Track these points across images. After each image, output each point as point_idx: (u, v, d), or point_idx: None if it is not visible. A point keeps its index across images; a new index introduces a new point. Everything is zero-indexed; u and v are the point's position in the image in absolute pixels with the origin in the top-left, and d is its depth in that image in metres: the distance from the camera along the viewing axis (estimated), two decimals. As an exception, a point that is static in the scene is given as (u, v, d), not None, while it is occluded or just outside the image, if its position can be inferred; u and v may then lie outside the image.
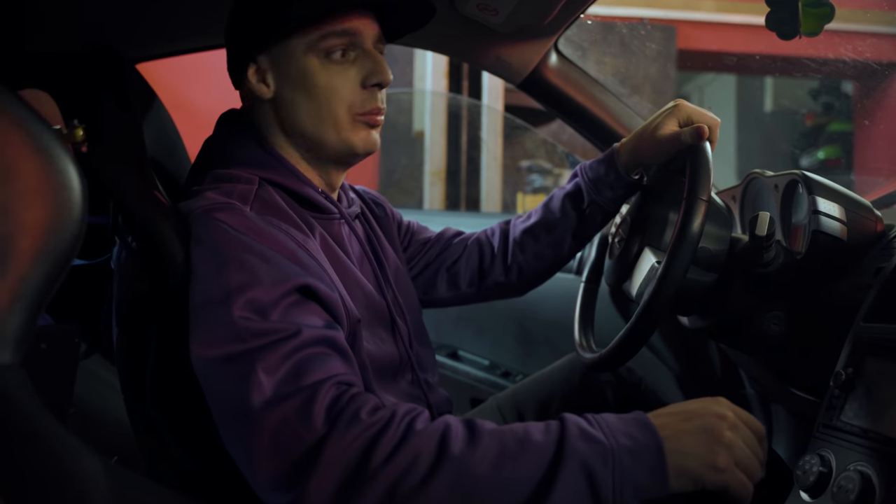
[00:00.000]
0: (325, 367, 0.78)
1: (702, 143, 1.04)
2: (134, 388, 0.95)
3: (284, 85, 0.99)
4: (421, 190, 4.34)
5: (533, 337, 2.10)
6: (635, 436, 0.75)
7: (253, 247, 0.84)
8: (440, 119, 4.23)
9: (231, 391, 0.76)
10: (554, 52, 1.52)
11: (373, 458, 0.71)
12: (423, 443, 0.73)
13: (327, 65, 0.97)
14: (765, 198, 1.25)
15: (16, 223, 0.57)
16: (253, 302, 0.79)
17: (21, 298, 0.57)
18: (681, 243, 0.95)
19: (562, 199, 1.25)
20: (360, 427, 0.73)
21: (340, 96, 0.98)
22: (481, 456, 0.72)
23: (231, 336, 0.77)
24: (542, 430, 0.75)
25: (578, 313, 1.31)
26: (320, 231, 1.00)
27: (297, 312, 0.81)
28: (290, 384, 0.75)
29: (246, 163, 0.99)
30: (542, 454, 0.73)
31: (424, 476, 0.70)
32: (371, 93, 0.99)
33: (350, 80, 0.98)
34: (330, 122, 0.99)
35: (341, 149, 1.01)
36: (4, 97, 0.59)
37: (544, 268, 1.31)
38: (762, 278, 1.07)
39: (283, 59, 0.98)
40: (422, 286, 1.32)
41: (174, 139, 1.28)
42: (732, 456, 0.75)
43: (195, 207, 0.89)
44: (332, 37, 0.96)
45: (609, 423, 0.76)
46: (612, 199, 1.21)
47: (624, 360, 1.05)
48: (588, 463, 0.72)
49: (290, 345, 0.77)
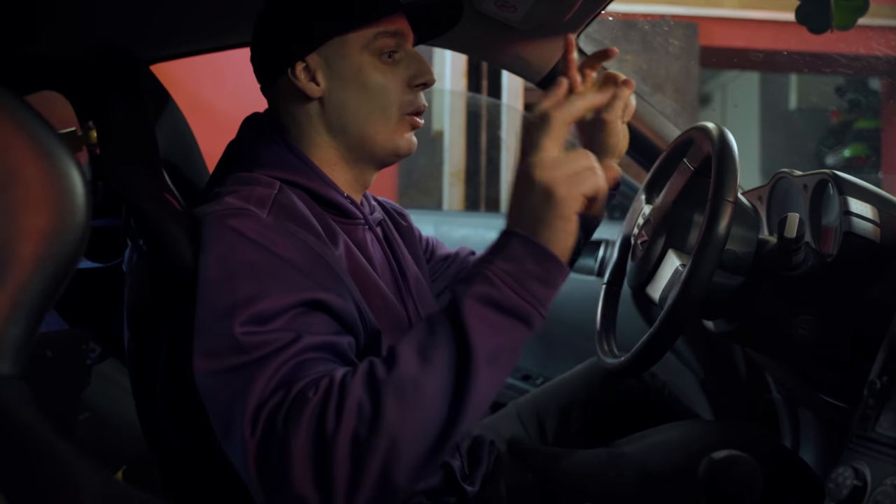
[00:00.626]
0: (315, 368, 0.76)
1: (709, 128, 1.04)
2: (145, 392, 0.94)
3: (337, 83, 0.98)
4: (440, 190, 4.32)
5: (554, 339, 2.08)
6: (503, 247, 0.76)
7: (264, 257, 0.82)
8: (459, 119, 4.20)
9: (228, 404, 0.74)
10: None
11: (326, 427, 0.70)
12: (357, 389, 0.72)
13: (379, 63, 0.99)
14: (793, 198, 1.22)
15: (17, 229, 0.55)
16: (257, 315, 0.77)
17: (21, 307, 0.55)
18: (706, 246, 0.92)
19: None
20: (308, 407, 0.71)
21: (392, 95, 0.99)
22: (405, 363, 0.72)
23: (233, 349, 0.75)
24: (439, 308, 0.77)
25: (600, 316, 1.28)
26: (343, 236, 0.97)
27: (301, 321, 0.79)
28: (279, 390, 0.73)
29: (269, 165, 0.97)
30: (446, 318, 0.74)
31: (373, 413, 0.70)
32: (416, 93, 1.02)
33: (398, 79, 1.00)
34: (381, 120, 0.99)
35: (387, 148, 1.02)
36: (6, 99, 0.57)
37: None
38: (791, 282, 1.04)
39: (336, 57, 0.98)
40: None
41: (189, 141, 1.27)
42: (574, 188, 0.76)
43: (210, 212, 0.87)
44: (386, 37, 0.98)
45: (481, 260, 0.77)
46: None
47: (647, 366, 1.02)
48: (481, 294, 0.73)
49: (290, 351, 0.75)
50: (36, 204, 0.57)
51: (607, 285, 1.32)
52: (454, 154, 4.22)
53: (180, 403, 0.91)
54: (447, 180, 4.22)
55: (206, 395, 0.78)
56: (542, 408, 1.33)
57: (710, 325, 1.23)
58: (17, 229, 0.55)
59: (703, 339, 1.67)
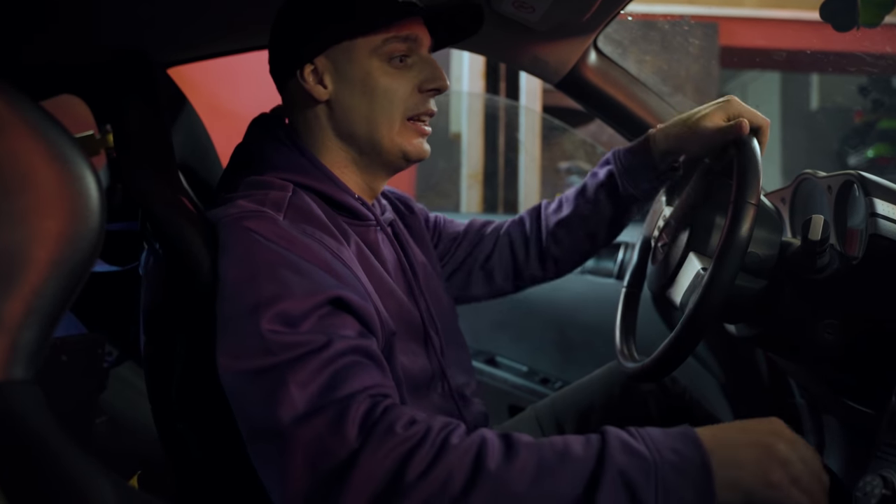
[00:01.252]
0: (358, 378, 0.75)
1: (749, 137, 1.00)
2: (161, 396, 0.94)
3: (343, 86, 0.98)
4: (458, 193, 4.31)
5: (573, 343, 2.06)
6: (680, 450, 0.70)
7: (284, 257, 0.81)
8: (477, 121, 4.19)
9: (261, 406, 0.74)
10: (593, 51, 1.48)
11: (407, 474, 0.68)
12: (459, 458, 0.69)
13: (387, 68, 0.98)
14: (817, 200, 1.20)
15: (31, 232, 0.55)
16: (283, 314, 0.76)
17: (35, 311, 0.54)
18: (728, 249, 0.90)
19: (595, 189, 1.22)
20: (395, 441, 0.70)
21: (398, 99, 0.98)
22: (519, 471, 0.69)
23: (260, 349, 0.75)
24: (583, 442, 0.72)
25: (619, 320, 1.26)
26: (355, 239, 0.97)
27: (329, 323, 0.78)
28: (322, 397, 0.72)
29: (280, 168, 0.97)
30: (582, 468, 0.69)
31: (460, 493, 0.67)
32: (426, 98, 1.01)
33: (408, 83, 0.99)
34: (385, 125, 0.99)
35: (393, 153, 1.01)
36: (21, 103, 0.57)
37: (579, 258, 1.31)
38: (815, 285, 1.02)
39: (344, 61, 0.97)
40: (457, 285, 1.30)
41: (205, 144, 1.27)
42: (788, 473, 0.70)
43: (225, 215, 0.87)
44: (395, 41, 0.97)
45: (653, 437, 0.72)
46: (647, 190, 1.19)
47: (668, 372, 1.01)
48: (629, 477, 0.68)
49: (321, 356, 0.74)
50: (50, 208, 0.56)
51: (627, 288, 1.30)
52: (472, 156, 4.20)
53: (196, 407, 0.91)
54: (465, 182, 4.21)
55: (232, 395, 0.78)
56: (561, 413, 1.32)
57: (733, 330, 1.21)
58: (30, 233, 0.55)
59: (724, 342, 1.65)
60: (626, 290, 1.30)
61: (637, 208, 1.21)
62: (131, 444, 1.26)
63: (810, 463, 0.73)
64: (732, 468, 0.70)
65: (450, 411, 1.05)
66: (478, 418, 1.11)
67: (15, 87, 0.57)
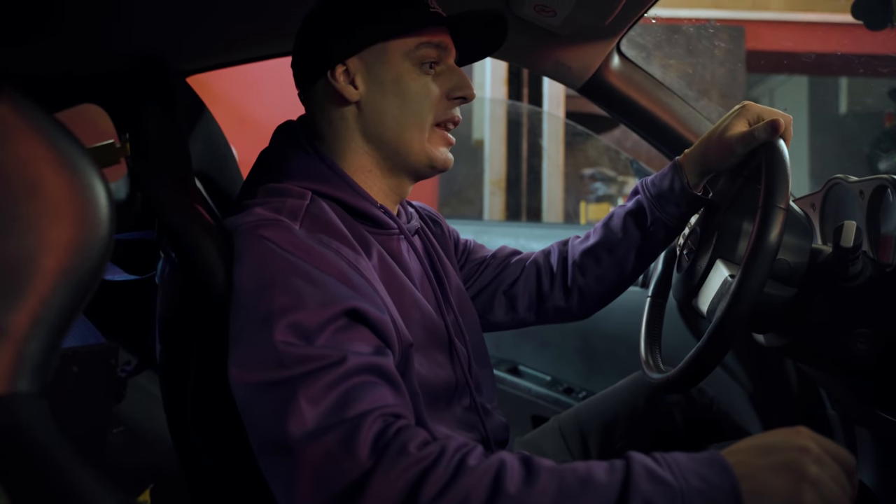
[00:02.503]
0: (371, 397, 0.73)
1: (776, 138, 0.97)
2: (176, 406, 0.92)
3: (375, 88, 0.98)
4: (481, 200, 4.29)
5: (597, 352, 2.03)
6: (708, 477, 0.67)
7: (299, 266, 0.80)
8: (500, 127, 4.16)
9: (271, 419, 0.72)
10: (616, 55, 1.45)
11: (421, 496, 0.65)
12: (476, 481, 0.67)
13: (419, 73, 0.99)
14: (849, 205, 1.16)
15: (39, 241, 0.54)
16: (297, 326, 0.75)
17: (42, 322, 0.53)
18: (757, 255, 0.87)
19: (623, 217, 1.18)
20: (409, 461, 0.68)
21: (429, 104, 0.99)
22: (539, 496, 0.66)
23: (273, 361, 0.73)
24: (606, 469, 0.69)
25: (644, 330, 1.23)
26: (377, 248, 0.96)
27: (344, 338, 0.76)
28: (334, 415, 0.70)
29: (300, 175, 0.96)
30: (606, 496, 0.66)
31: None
32: (452, 105, 1.02)
33: (437, 90, 1.00)
34: (415, 129, 0.99)
35: (421, 158, 1.01)
36: (29, 111, 0.56)
37: (606, 291, 1.24)
38: (847, 293, 0.98)
39: (376, 63, 0.98)
40: (478, 309, 1.26)
41: (225, 153, 1.27)
42: (820, 496, 0.67)
43: (241, 223, 0.86)
44: (428, 47, 0.98)
45: (679, 463, 0.69)
46: (678, 216, 1.13)
47: (694, 383, 0.98)
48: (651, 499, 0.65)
49: (335, 373, 0.72)
50: (58, 216, 0.55)
51: (652, 297, 1.28)
52: (494, 163, 4.18)
53: (211, 418, 0.89)
54: (487, 189, 4.19)
55: (243, 406, 0.76)
56: (585, 423, 1.29)
57: (761, 339, 1.18)
58: (38, 241, 0.54)
59: (753, 352, 1.61)
60: (650, 299, 1.28)
61: (666, 235, 1.16)
62: (148, 454, 1.26)
63: (839, 479, 0.69)
64: (760, 499, 0.66)
65: (472, 424, 1.03)
66: (499, 430, 1.09)
67: (23, 93, 0.56)
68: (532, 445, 1.27)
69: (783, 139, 0.99)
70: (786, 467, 0.68)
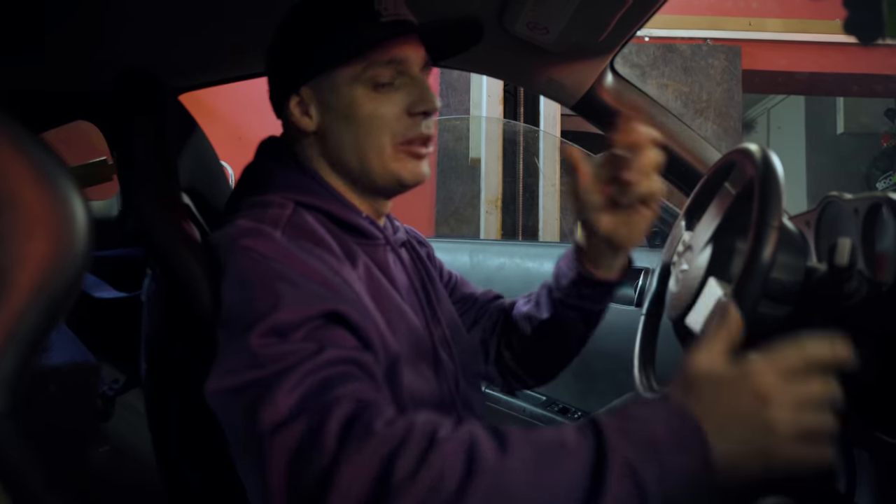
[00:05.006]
0: (346, 385, 0.71)
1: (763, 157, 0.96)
2: (160, 425, 0.91)
3: (329, 117, 0.96)
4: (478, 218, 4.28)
5: (593, 371, 2.01)
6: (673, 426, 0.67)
7: (280, 272, 0.79)
8: (496, 146, 4.17)
9: (245, 419, 0.70)
10: (609, 72, 1.46)
11: (394, 476, 0.62)
12: (450, 455, 0.64)
13: (372, 94, 0.94)
14: (843, 223, 1.15)
15: (12, 256, 0.53)
16: (275, 328, 0.73)
17: (15, 339, 0.52)
18: (750, 274, 0.87)
19: (551, 304, 1.16)
20: (376, 441, 0.65)
21: (384, 124, 0.94)
22: (517, 466, 0.64)
23: (248, 363, 0.72)
24: (576, 431, 0.67)
25: (638, 349, 1.22)
26: (364, 258, 0.95)
27: (323, 334, 0.75)
28: (305, 402, 0.68)
29: (284, 188, 0.95)
30: (583, 458, 0.65)
31: (455, 493, 0.62)
32: (415, 121, 0.95)
33: (395, 106, 0.95)
34: (374, 152, 0.95)
35: (387, 179, 0.97)
36: (6, 125, 0.55)
37: (558, 367, 1.27)
38: (843, 312, 0.97)
39: (326, 91, 0.95)
40: None
41: (215, 169, 1.26)
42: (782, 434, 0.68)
43: (223, 236, 0.85)
44: (378, 66, 0.93)
45: (643, 416, 0.68)
46: (598, 302, 1.15)
47: (688, 402, 0.96)
48: (631, 462, 0.64)
49: (311, 363, 0.71)
50: (34, 230, 0.54)
51: (646, 316, 1.26)
52: (491, 181, 4.18)
53: (195, 438, 0.88)
54: (484, 208, 4.18)
55: (221, 411, 0.75)
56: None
57: (756, 358, 1.16)
58: (12, 256, 0.53)
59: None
60: (645, 318, 1.26)
61: (598, 317, 1.17)
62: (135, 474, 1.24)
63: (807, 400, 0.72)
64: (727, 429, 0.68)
65: None
66: None
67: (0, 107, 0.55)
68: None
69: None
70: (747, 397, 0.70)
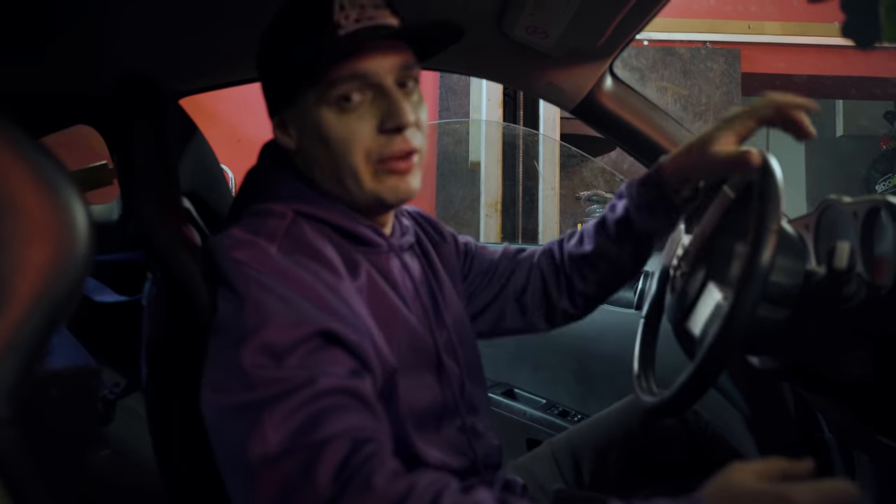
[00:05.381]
0: (341, 419, 0.71)
1: (758, 167, 0.95)
2: (161, 429, 0.91)
3: (304, 138, 0.93)
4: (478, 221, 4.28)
5: (592, 374, 2.01)
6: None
7: (271, 287, 0.78)
8: (495, 149, 4.17)
9: (235, 442, 0.70)
10: (609, 76, 1.46)
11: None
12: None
13: (341, 113, 0.89)
14: (842, 226, 1.15)
15: (13, 262, 0.53)
16: (267, 346, 0.73)
17: (15, 345, 0.52)
18: (749, 277, 0.86)
19: (613, 225, 1.17)
20: (373, 498, 0.65)
21: (356, 145, 0.89)
22: None
23: (241, 383, 0.72)
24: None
25: (638, 352, 1.22)
26: (367, 267, 0.94)
27: (317, 358, 0.75)
28: (296, 439, 0.68)
29: (284, 196, 0.94)
30: None
31: None
32: (390, 137, 0.89)
33: (366, 125, 0.89)
34: (349, 175, 0.90)
35: (368, 200, 0.93)
36: (6, 130, 0.55)
37: (606, 292, 1.25)
38: (842, 315, 0.97)
39: (300, 112, 0.92)
40: (491, 317, 1.25)
41: (216, 173, 1.26)
42: None
43: (219, 245, 0.85)
44: (340, 83, 0.87)
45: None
46: (665, 223, 1.14)
47: (687, 406, 0.96)
48: None
49: (303, 394, 0.71)
50: (34, 236, 0.54)
51: (646, 319, 1.26)
52: (490, 185, 4.18)
53: (196, 442, 0.88)
54: (484, 211, 4.18)
55: (212, 429, 0.75)
56: (579, 448, 1.27)
57: (755, 362, 1.16)
58: (12, 262, 0.53)
59: (748, 375, 1.59)
60: (644, 322, 1.26)
61: (658, 241, 1.16)
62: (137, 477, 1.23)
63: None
64: None
65: (462, 446, 1.01)
66: (491, 452, 1.07)
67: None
68: (524, 470, 1.24)
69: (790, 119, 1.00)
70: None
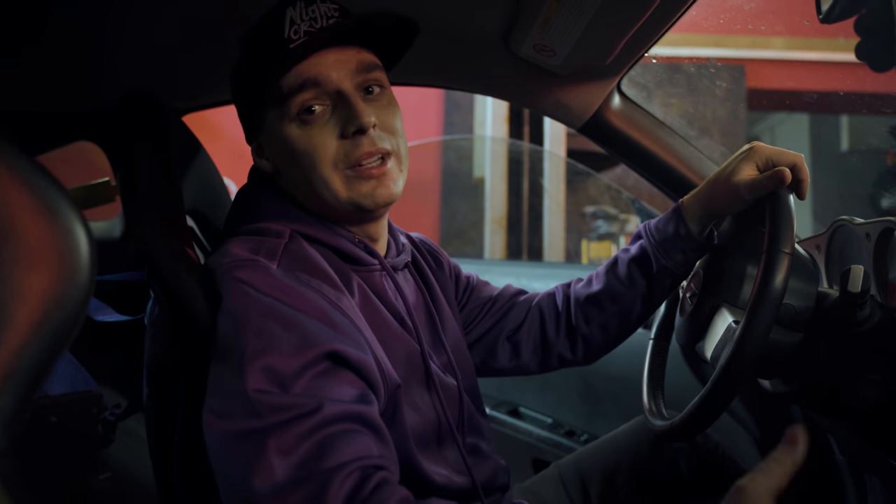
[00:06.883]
0: (349, 447, 0.70)
1: (783, 188, 0.94)
2: (161, 451, 0.90)
3: (277, 158, 0.94)
4: (482, 238, 4.27)
5: (599, 394, 1.99)
6: None
7: (275, 308, 0.77)
8: (500, 165, 4.17)
9: (239, 471, 0.69)
10: (616, 94, 1.44)
11: None
12: None
13: (303, 126, 0.89)
14: (855, 248, 1.14)
15: (12, 289, 0.52)
16: (272, 372, 0.72)
17: (14, 375, 0.51)
18: (762, 300, 0.85)
19: (627, 264, 1.14)
20: None
21: (322, 155, 0.89)
22: None
23: (246, 410, 0.71)
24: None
25: (647, 374, 1.21)
26: (359, 284, 0.93)
27: (324, 383, 0.73)
28: (305, 468, 0.67)
29: (277, 216, 0.94)
30: None
31: None
32: (354, 142, 0.89)
33: (328, 133, 0.89)
34: (322, 186, 0.90)
35: (348, 209, 0.92)
36: (6, 152, 0.54)
37: (610, 339, 1.21)
38: (855, 339, 0.95)
39: (269, 133, 0.93)
40: (480, 353, 1.23)
41: (219, 191, 1.25)
42: None
43: (219, 264, 0.84)
44: (295, 94, 0.87)
45: None
46: (684, 263, 1.10)
47: (698, 431, 0.95)
48: None
49: (309, 422, 0.69)
50: (34, 262, 0.53)
51: (654, 341, 1.25)
52: (495, 201, 4.18)
53: (197, 463, 0.86)
54: (488, 227, 4.17)
55: (213, 455, 0.74)
56: (586, 470, 1.25)
57: (767, 385, 1.15)
58: (11, 290, 0.51)
59: (759, 397, 1.57)
60: (653, 342, 1.25)
61: (673, 283, 1.13)
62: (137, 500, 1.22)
63: None
64: None
65: (460, 468, 0.99)
66: (498, 474, 1.06)
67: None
68: (531, 493, 1.23)
69: (800, 180, 0.97)
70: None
